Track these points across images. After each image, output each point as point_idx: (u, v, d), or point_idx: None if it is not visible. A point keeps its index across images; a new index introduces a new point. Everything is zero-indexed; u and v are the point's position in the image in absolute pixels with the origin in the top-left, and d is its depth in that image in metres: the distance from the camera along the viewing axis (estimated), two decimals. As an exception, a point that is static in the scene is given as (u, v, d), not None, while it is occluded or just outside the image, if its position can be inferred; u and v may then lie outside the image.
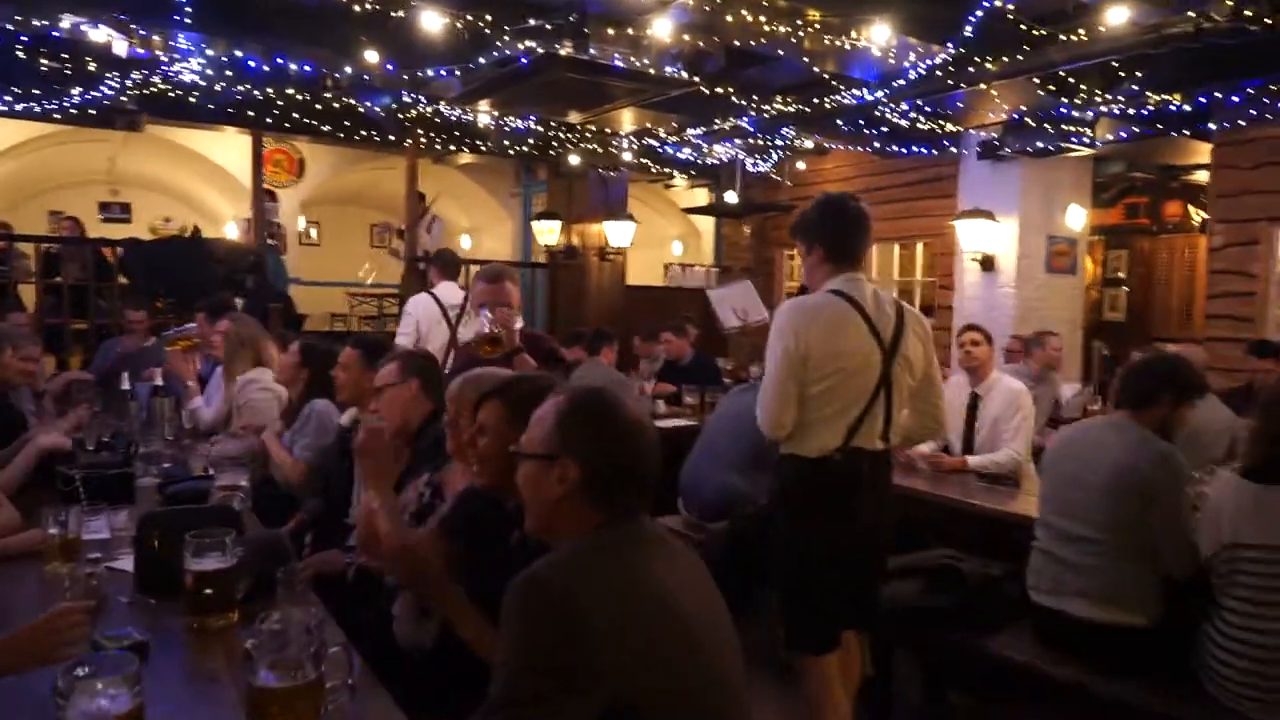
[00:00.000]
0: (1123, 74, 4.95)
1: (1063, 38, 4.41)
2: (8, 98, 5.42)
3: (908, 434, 2.70)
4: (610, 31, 4.24)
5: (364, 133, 6.46)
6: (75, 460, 3.33)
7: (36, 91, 5.36)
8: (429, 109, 5.81)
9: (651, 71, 4.52)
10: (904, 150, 7.06)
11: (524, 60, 4.25)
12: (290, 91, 5.44)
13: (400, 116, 6.20)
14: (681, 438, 4.61)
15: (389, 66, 4.45)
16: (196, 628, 1.92)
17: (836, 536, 2.49)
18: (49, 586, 2.12)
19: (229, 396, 4.03)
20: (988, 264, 7.16)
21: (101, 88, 5.48)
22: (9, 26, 3.98)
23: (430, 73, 4.57)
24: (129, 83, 5.43)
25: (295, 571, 1.85)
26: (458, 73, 4.56)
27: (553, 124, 6.37)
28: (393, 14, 3.83)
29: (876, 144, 6.85)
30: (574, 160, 7.46)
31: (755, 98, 5.56)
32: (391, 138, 6.58)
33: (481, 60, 4.32)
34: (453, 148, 7.05)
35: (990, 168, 7.00)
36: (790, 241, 9.70)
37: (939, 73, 4.95)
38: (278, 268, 7.87)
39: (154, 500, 3.04)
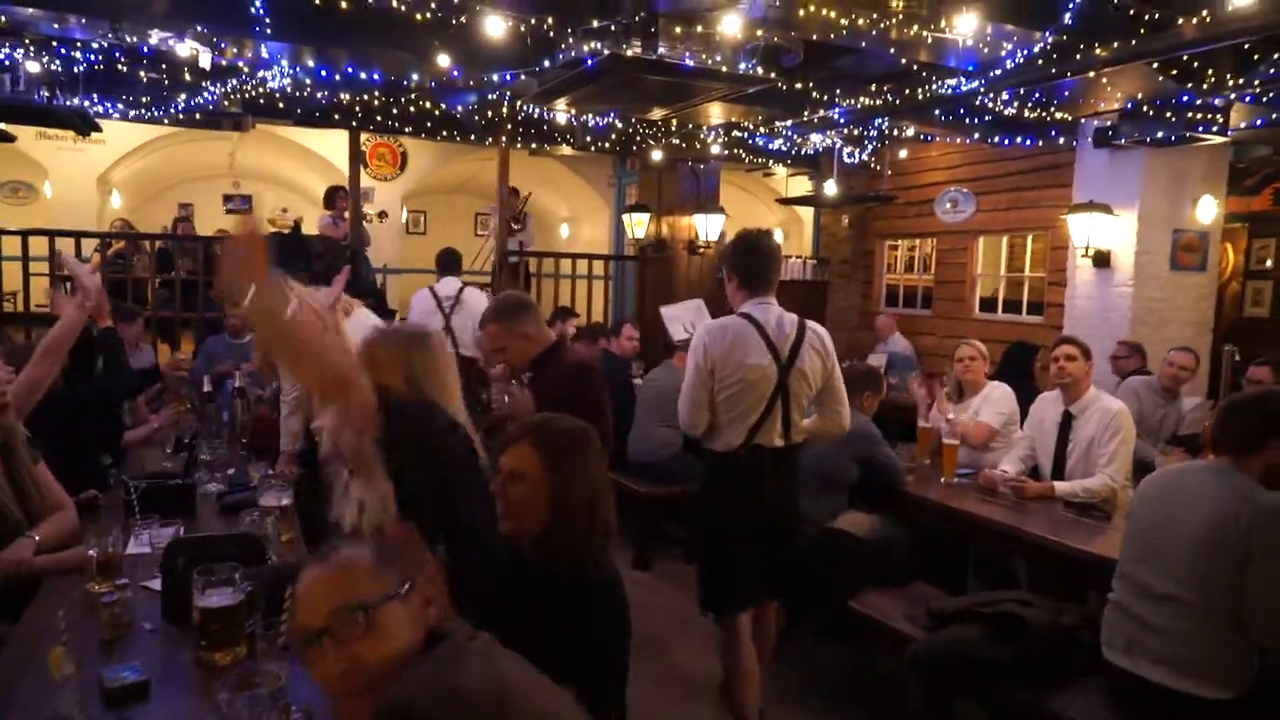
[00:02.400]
0: (1256, 56, 4.42)
1: (1181, 20, 3.96)
2: (120, 105, 5.74)
3: (815, 433, 3.13)
4: (679, 29, 4.08)
5: (449, 131, 6.53)
6: (136, 466, 3.52)
7: (145, 99, 5.66)
8: (509, 108, 5.81)
9: (724, 69, 4.33)
10: (1008, 140, 6.58)
11: (590, 61, 4.15)
12: (376, 93, 5.55)
13: (486, 114, 6.23)
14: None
15: (455, 72, 4.45)
16: (203, 663, 1.95)
17: (741, 518, 2.94)
18: (90, 603, 2.20)
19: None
20: (1102, 260, 6.61)
21: (204, 94, 5.74)
22: (104, 43, 4.20)
23: (496, 77, 4.54)
24: (229, 88, 5.65)
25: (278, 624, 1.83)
26: (523, 76, 4.52)
27: (634, 120, 6.26)
28: (454, 20, 3.81)
29: (979, 134, 6.41)
30: (657, 155, 7.32)
31: (840, 90, 5.28)
32: (473, 137, 6.62)
33: (547, 63, 4.26)
34: (534, 145, 7.05)
35: (1109, 157, 6.44)
36: (890, 233, 9.31)
37: (1041, 60, 4.56)
38: (365, 263, 8.10)
39: (213, 510, 3.16)
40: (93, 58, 4.66)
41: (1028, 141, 6.63)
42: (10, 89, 4.76)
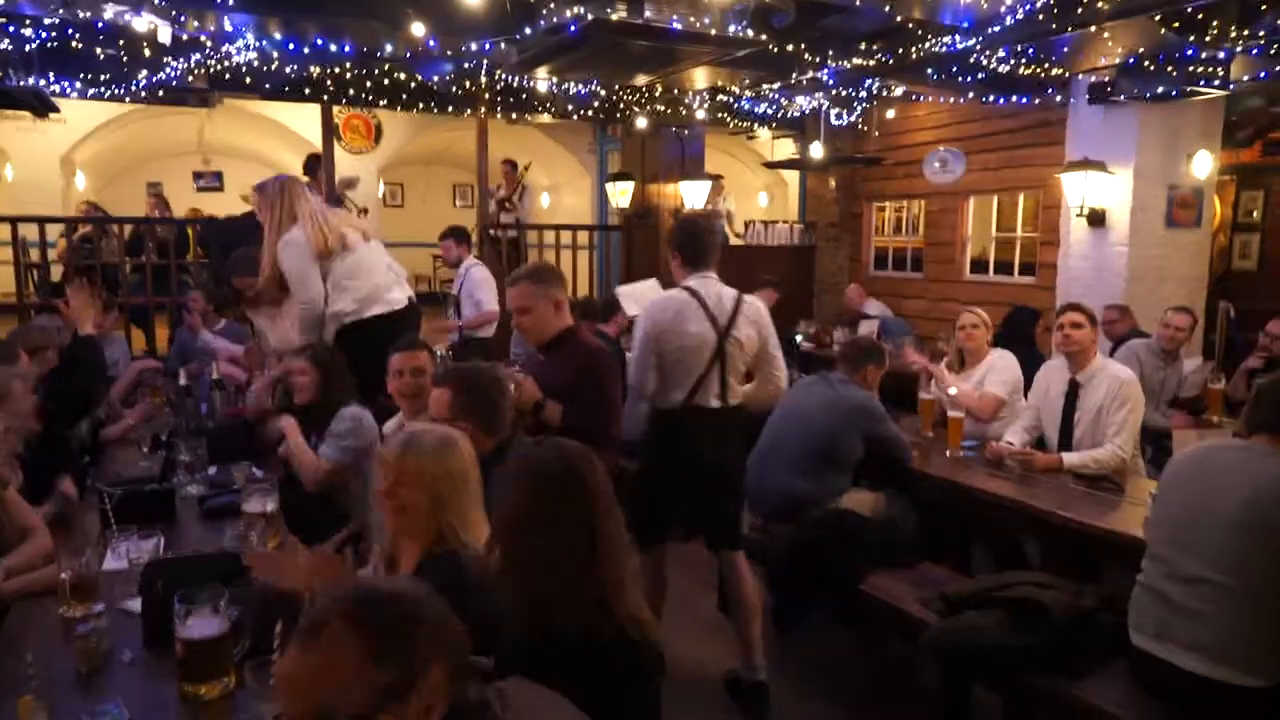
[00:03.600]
0: (1264, 6, 4.27)
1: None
2: (79, 84, 5.46)
3: (753, 396, 3.44)
4: (664, -8, 3.88)
5: (425, 103, 6.28)
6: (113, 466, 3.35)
7: (105, 76, 5.38)
8: (488, 77, 5.57)
9: (713, 32, 4.14)
10: (1002, 99, 6.42)
11: (573, 27, 3.94)
12: (348, 64, 5.30)
13: (464, 84, 5.99)
14: (754, 422, 4.35)
15: (431, 42, 4.23)
16: (189, 698, 1.81)
17: (675, 467, 3.25)
18: (64, 630, 2.06)
19: None
20: (1097, 219, 6.49)
21: (167, 70, 5.46)
22: (56, 19, 3.94)
23: (475, 46, 4.32)
24: (193, 63, 5.39)
25: (268, 660, 1.70)
26: (502, 44, 4.30)
27: (618, 86, 6.05)
28: (426, -12, 3.60)
29: (971, 93, 6.24)
30: (641, 123, 7.10)
31: (831, 51, 5.09)
32: (450, 108, 6.38)
33: (528, 30, 4.05)
34: (514, 115, 6.81)
35: (1103, 113, 6.29)
36: (878, 195, 9.15)
37: (1042, 15, 4.39)
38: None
39: (195, 515, 3.01)
40: (45, 34, 4.39)
41: (1022, 100, 6.47)
42: (-42, 71, 4.49)
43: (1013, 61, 5.50)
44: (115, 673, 1.95)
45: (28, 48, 4.51)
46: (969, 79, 5.98)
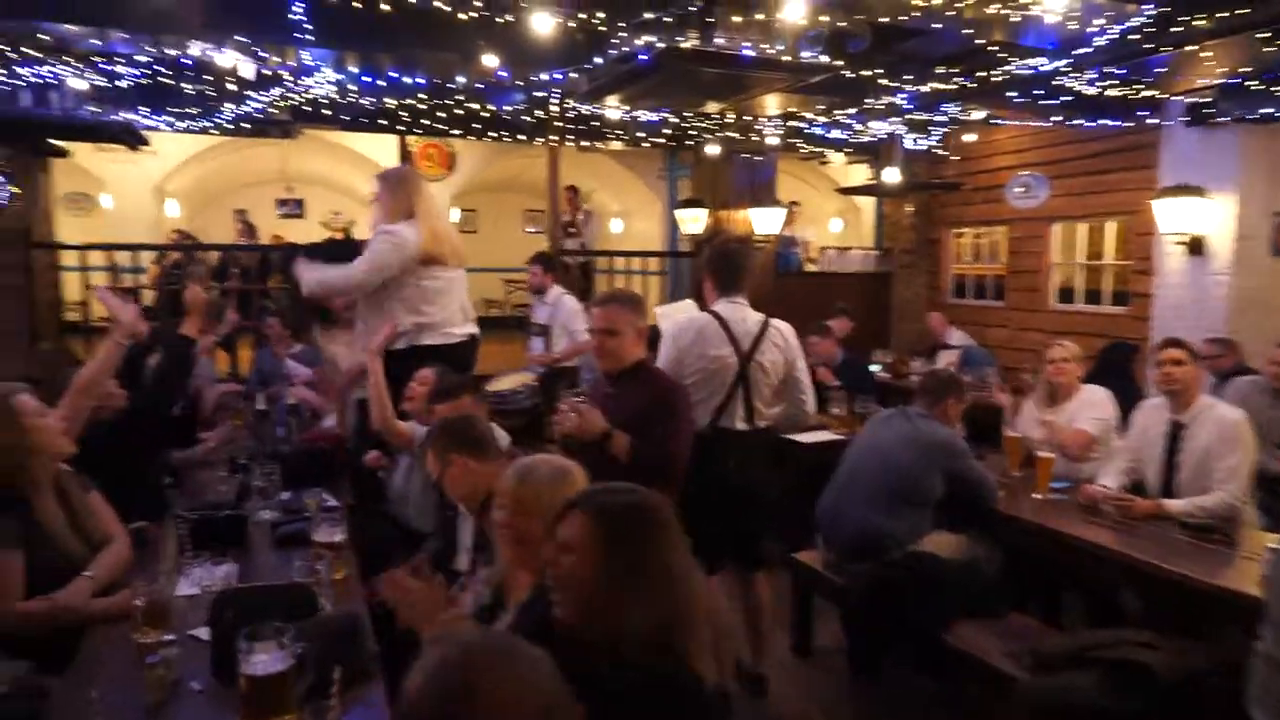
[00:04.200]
0: (1381, 22, 4.00)
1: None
2: (169, 117, 5.69)
3: (782, 421, 3.54)
4: (737, 18, 3.82)
5: (497, 132, 6.36)
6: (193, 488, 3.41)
7: (193, 110, 5.59)
8: (558, 106, 5.61)
9: (786, 58, 4.06)
10: (1090, 122, 6.17)
11: (643, 56, 3.91)
12: (423, 96, 5.40)
13: (535, 113, 6.05)
14: (827, 456, 4.20)
15: (502, 73, 4.26)
16: (252, 733, 1.78)
17: (704, 490, 3.13)
18: (138, 655, 2.06)
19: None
20: (1196, 247, 6.16)
21: (250, 103, 5.65)
22: (147, 57, 4.11)
23: (545, 76, 4.34)
24: (274, 96, 5.56)
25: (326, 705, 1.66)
26: (573, 75, 4.31)
27: (688, 113, 6.02)
28: (499, 19, 3.62)
29: (1056, 116, 6.02)
30: (712, 149, 7.05)
31: (908, 75, 4.96)
32: (521, 136, 6.44)
33: (598, 60, 4.04)
34: (585, 143, 6.84)
35: (1200, 136, 5.98)
36: (957, 220, 8.90)
37: (1135, 36, 4.19)
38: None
39: (267, 540, 3.03)
40: (137, 72, 4.59)
41: (1111, 122, 6.21)
42: (58, 106, 4.71)
43: (1102, 83, 5.27)
44: (183, 703, 1.94)
45: (122, 84, 4.72)
46: (1054, 102, 5.75)
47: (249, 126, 6.09)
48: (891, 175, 7.77)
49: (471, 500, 2.61)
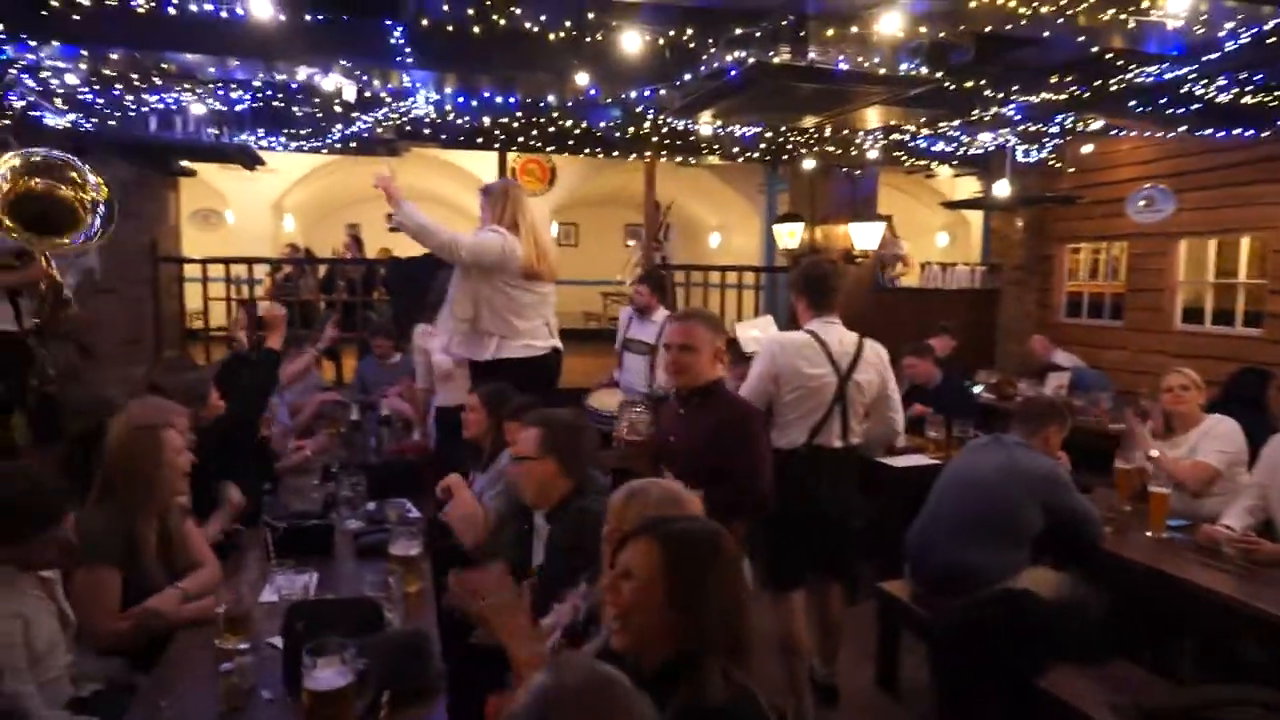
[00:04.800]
0: None
1: None
2: (283, 138, 5.99)
3: (872, 438, 3.57)
4: (830, 32, 3.73)
5: (592, 148, 6.41)
6: (282, 504, 3.53)
7: (304, 131, 5.87)
8: (653, 122, 5.61)
9: (883, 71, 3.93)
10: (1221, 132, 5.74)
11: (734, 72, 3.86)
12: (518, 114, 5.50)
13: (629, 129, 6.07)
14: (920, 481, 4.02)
15: (592, 91, 4.28)
16: (314, 749, 1.81)
17: (799, 508, 3.23)
18: (217, 661, 2.13)
19: None
20: (1342, 265, 5.64)
21: (358, 123, 5.89)
22: (260, 82, 4.34)
23: (634, 93, 4.34)
24: (379, 116, 5.77)
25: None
26: (662, 91, 4.29)
27: (784, 128, 5.92)
28: (589, 38, 3.64)
29: (1183, 126, 5.62)
30: (809, 164, 6.92)
31: (1017, 86, 4.73)
32: (616, 152, 6.48)
33: (688, 76, 4.01)
34: (679, 158, 6.82)
35: (1348, 145, 5.49)
36: (1073, 235, 8.44)
37: (1272, 39, 3.87)
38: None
39: (351, 550, 3.11)
40: (252, 96, 4.85)
41: (1245, 132, 5.76)
42: (182, 130, 5.02)
43: (1234, 90, 4.90)
44: (254, 711, 1.99)
45: (237, 108, 5.00)
46: (1180, 111, 5.38)
47: (355, 146, 6.34)
48: (1001, 188, 7.43)
49: (540, 500, 2.63)
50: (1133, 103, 5.29)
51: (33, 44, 4.21)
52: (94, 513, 2.46)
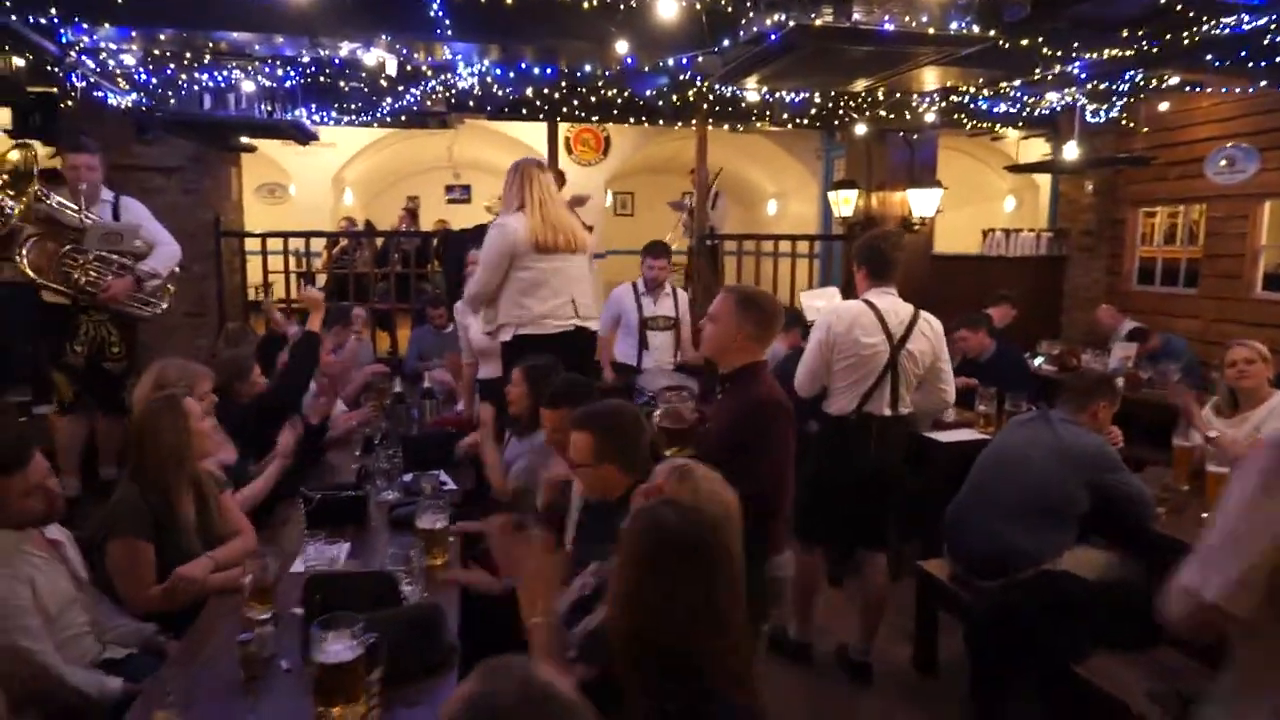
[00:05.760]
0: None
1: None
2: (334, 112, 6.06)
3: (921, 407, 3.63)
4: (874, -9, 3.59)
5: (637, 117, 6.33)
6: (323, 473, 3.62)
7: (354, 105, 5.93)
8: (699, 89, 5.50)
9: (931, 31, 3.77)
10: (1307, 85, 5.36)
11: (773, 35, 3.75)
12: (563, 83, 5.45)
13: (676, 97, 5.97)
14: (970, 457, 3.90)
15: (629, 60, 4.21)
16: (322, 718, 1.86)
17: (844, 473, 3.39)
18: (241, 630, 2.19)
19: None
20: None
21: (406, 96, 5.92)
22: (309, 58, 4.39)
23: (671, 61, 4.25)
24: (427, 89, 5.80)
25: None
26: (700, 58, 4.19)
27: (834, 93, 5.74)
28: (622, 5, 3.56)
29: (1264, 81, 5.27)
30: (861, 129, 6.70)
31: (1078, 43, 4.48)
32: (661, 121, 6.38)
33: (726, 41, 3.90)
34: (726, 125, 6.67)
35: None
36: (1146, 199, 8.03)
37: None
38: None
39: (384, 521, 3.17)
40: (299, 72, 4.91)
41: (1334, 84, 5.37)
42: (235, 107, 5.13)
43: (1321, 40, 4.56)
44: (271, 682, 2.04)
45: (288, 84, 5.07)
46: (1262, 64, 5.04)
47: (405, 119, 6.39)
48: (1070, 150, 7.10)
49: (605, 496, 2.42)
50: (1209, 56, 4.97)
51: (86, 26, 4.33)
52: (125, 486, 2.55)
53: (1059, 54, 4.56)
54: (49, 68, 4.70)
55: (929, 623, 3.67)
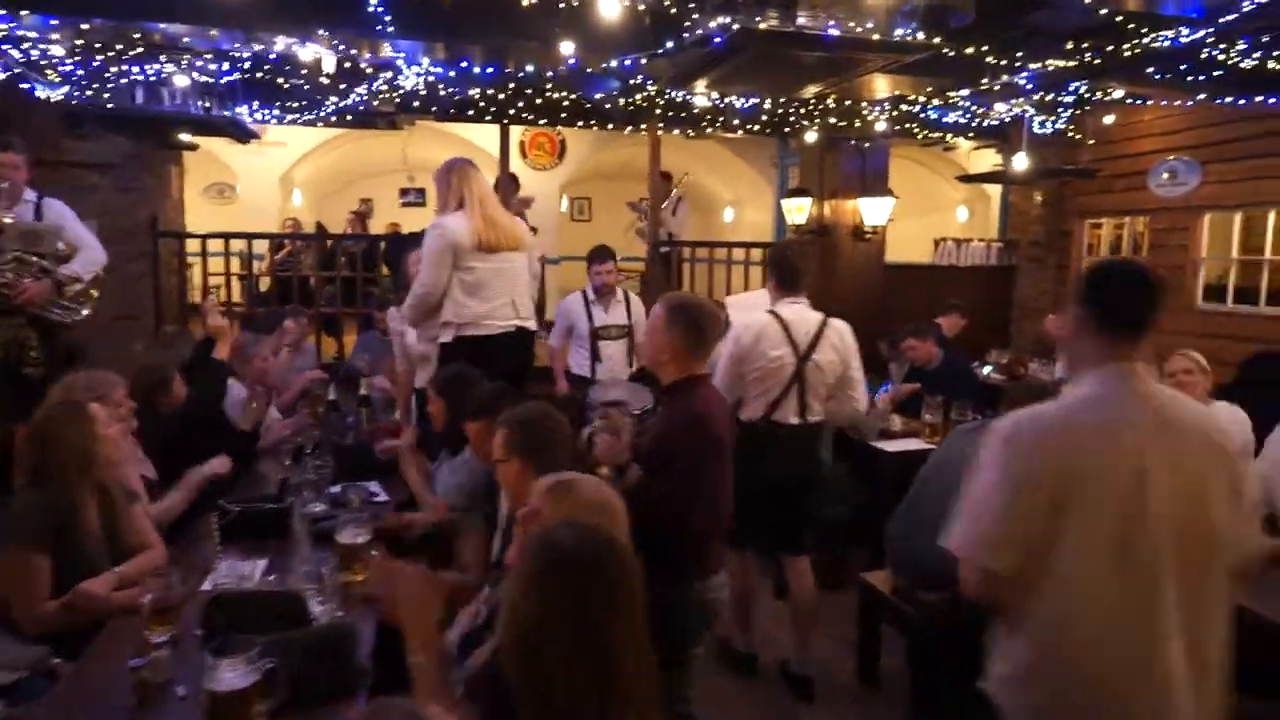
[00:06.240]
0: None
1: None
2: (276, 110, 5.89)
3: (834, 416, 3.74)
4: (818, -5, 3.55)
5: (586, 121, 6.24)
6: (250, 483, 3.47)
7: (297, 104, 5.77)
8: (650, 94, 5.44)
9: (876, 37, 3.74)
10: (1245, 100, 5.46)
11: (718, 39, 3.69)
12: (511, 85, 5.35)
13: (626, 100, 5.90)
14: (916, 467, 3.87)
15: (572, 61, 4.13)
16: (212, 757, 1.74)
17: (754, 474, 3.28)
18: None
19: None
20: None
21: (351, 96, 5.77)
22: (248, 54, 4.24)
23: (615, 63, 4.18)
24: (372, 89, 5.65)
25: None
26: (643, 60, 4.12)
27: (784, 99, 5.71)
28: (561, 4, 3.48)
29: (1204, 94, 5.35)
30: (811, 136, 6.69)
31: (1021, 53, 4.50)
32: (610, 125, 6.31)
33: (670, 44, 3.85)
34: (677, 130, 6.63)
35: (1382, 113, 5.19)
36: (1093, 210, 8.14)
37: (1292, -1, 3.63)
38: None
39: (307, 536, 3.04)
40: (235, 67, 4.75)
41: (1271, 99, 5.47)
42: (170, 102, 4.94)
43: (1258, 55, 4.63)
44: (165, 707, 1.92)
45: (223, 80, 4.90)
46: (1202, 78, 5.11)
47: (351, 119, 6.23)
48: (1019, 161, 7.16)
49: (519, 503, 2.44)
50: (1151, 69, 5.04)
51: (5, 12, 4.13)
52: (23, 493, 2.40)
53: (1003, 63, 4.58)
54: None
55: (872, 635, 3.63)
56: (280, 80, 4.98)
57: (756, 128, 6.60)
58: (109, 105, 4.97)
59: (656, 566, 2.34)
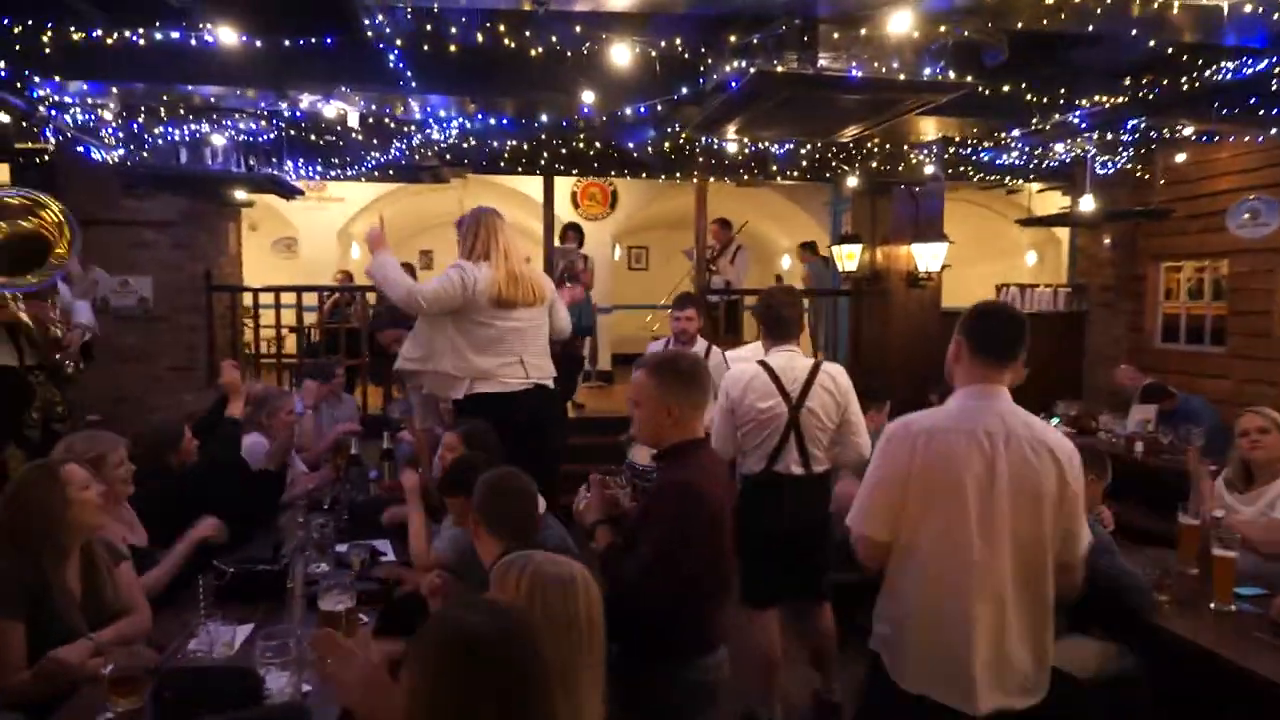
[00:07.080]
0: None
1: None
2: (319, 166, 6.01)
3: (840, 463, 3.61)
4: (838, 35, 3.40)
5: (618, 170, 6.19)
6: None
7: (337, 159, 5.87)
8: (677, 142, 5.36)
9: (902, 77, 3.57)
10: (1325, 133, 5.07)
11: (734, 83, 3.58)
12: (543, 136, 5.34)
13: (662, 148, 5.83)
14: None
15: (585, 109, 4.07)
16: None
17: (762, 530, 3.30)
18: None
19: None
20: None
21: (392, 151, 5.85)
22: (285, 111, 4.32)
23: (629, 110, 4.10)
24: (413, 143, 5.72)
25: None
26: (658, 106, 4.04)
27: (820, 144, 5.56)
28: (567, 54, 3.43)
29: (1276, 129, 4.98)
30: (852, 182, 6.50)
31: (1064, 89, 4.25)
32: (644, 174, 6.24)
33: (685, 90, 3.75)
34: (716, 178, 6.52)
35: None
36: (1167, 253, 7.68)
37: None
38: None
39: (303, 598, 2.94)
40: (268, 125, 4.85)
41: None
42: (212, 161, 5.07)
43: (1337, 85, 4.29)
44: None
45: (263, 138, 5.02)
46: (1273, 111, 4.77)
47: (394, 174, 6.32)
48: (1086, 203, 6.82)
49: (486, 562, 2.38)
50: (1216, 104, 4.72)
51: (57, 81, 4.30)
52: (-5, 559, 2.35)
53: (1045, 101, 4.34)
54: (24, 124, 4.70)
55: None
56: (314, 137, 5.07)
57: (797, 174, 6.44)
58: (154, 165, 5.13)
59: (640, 643, 2.18)
